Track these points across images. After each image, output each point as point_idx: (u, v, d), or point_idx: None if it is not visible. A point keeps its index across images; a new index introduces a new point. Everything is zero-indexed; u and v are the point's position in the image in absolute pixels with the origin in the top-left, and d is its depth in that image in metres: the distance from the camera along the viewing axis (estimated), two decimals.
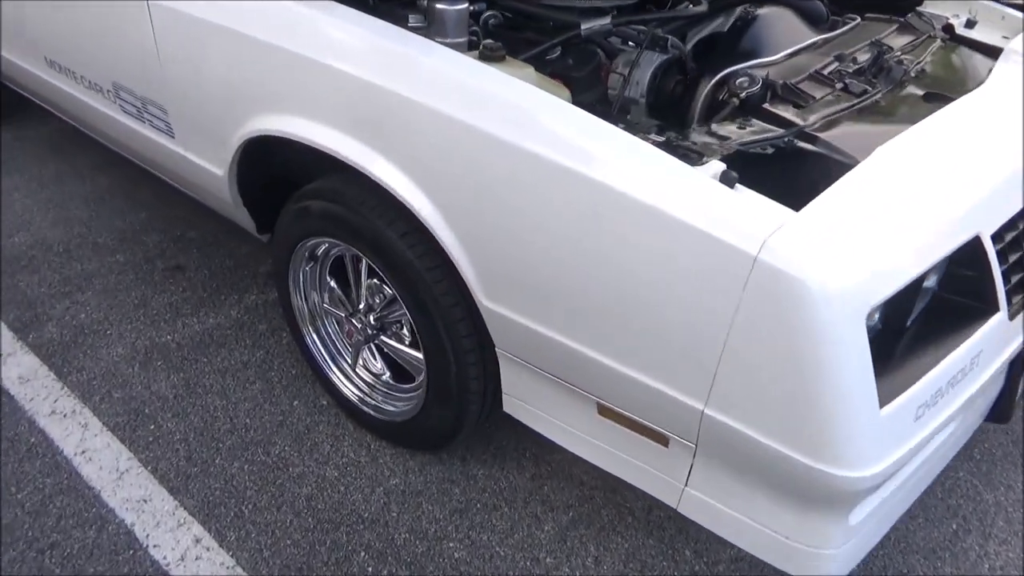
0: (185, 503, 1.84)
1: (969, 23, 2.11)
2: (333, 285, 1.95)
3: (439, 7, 1.64)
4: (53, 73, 2.29)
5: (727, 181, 1.26)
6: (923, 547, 1.85)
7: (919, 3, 2.10)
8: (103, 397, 2.10)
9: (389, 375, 1.97)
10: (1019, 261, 1.44)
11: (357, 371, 1.99)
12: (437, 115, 1.42)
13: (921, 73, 1.79)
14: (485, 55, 1.58)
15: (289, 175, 1.89)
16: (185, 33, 1.78)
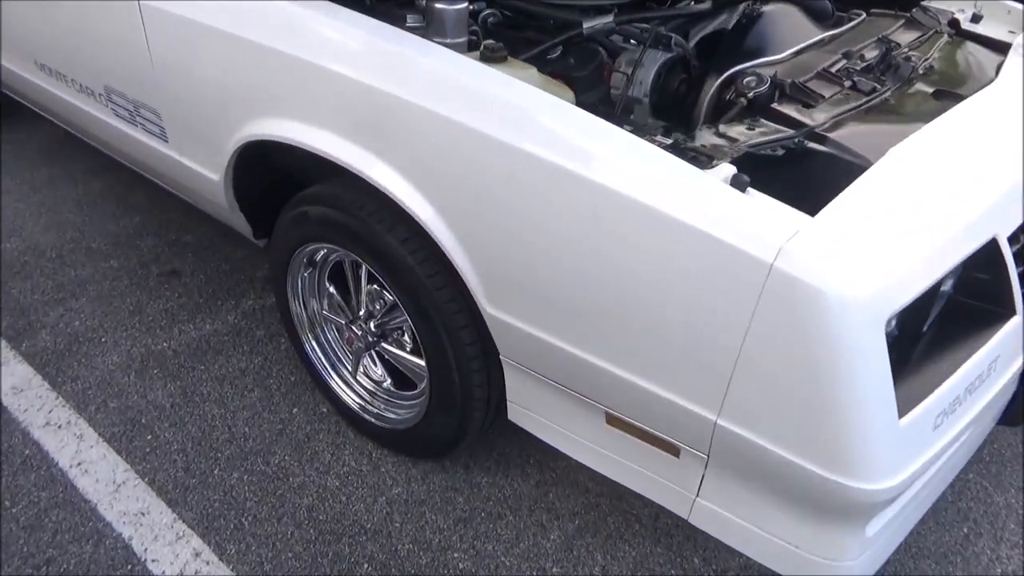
0: (183, 515, 1.81)
1: (975, 18, 2.08)
2: (332, 291, 1.92)
3: (438, 7, 1.60)
4: (44, 76, 2.25)
5: (738, 185, 1.22)
6: (934, 551, 1.82)
7: None
8: (99, 407, 2.06)
9: (390, 382, 1.94)
10: None
11: (358, 378, 1.95)
12: (438, 118, 1.38)
13: (929, 70, 1.76)
14: (486, 56, 1.54)
15: (287, 179, 1.85)
16: (177, 35, 1.74)
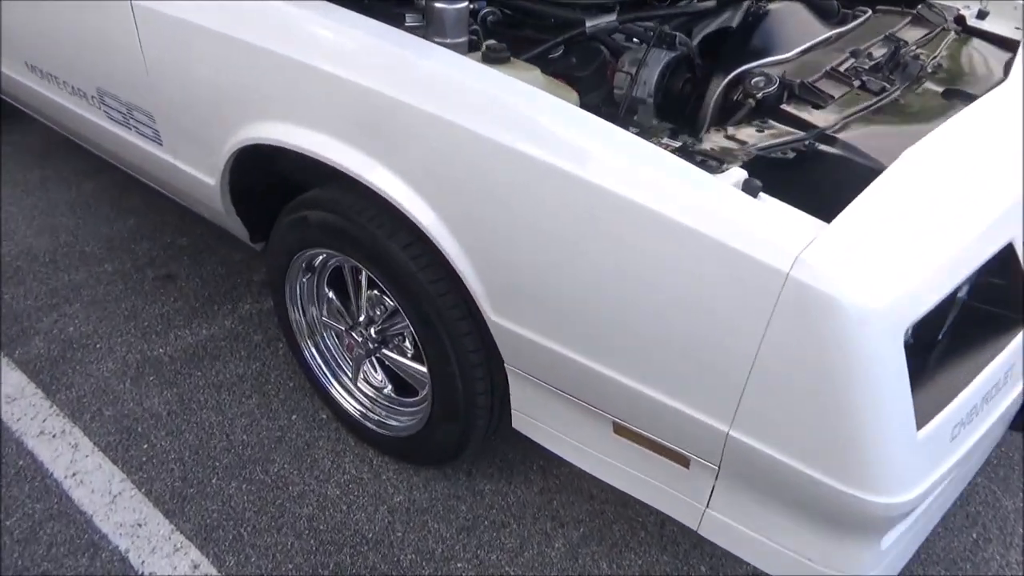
0: (181, 527, 1.77)
1: (980, 14, 2.06)
2: (331, 296, 1.88)
3: (438, 6, 1.56)
4: (35, 78, 2.21)
5: (750, 190, 1.19)
6: (944, 557, 1.80)
7: None
8: (94, 415, 2.02)
9: (391, 388, 1.91)
10: None
11: (359, 385, 1.92)
12: (440, 122, 1.35)
13: (938, 68, 1.73)
14: (489, 57, 1.51)
15: (284, 182, 1.81)
16: (171, 36, 1.70)
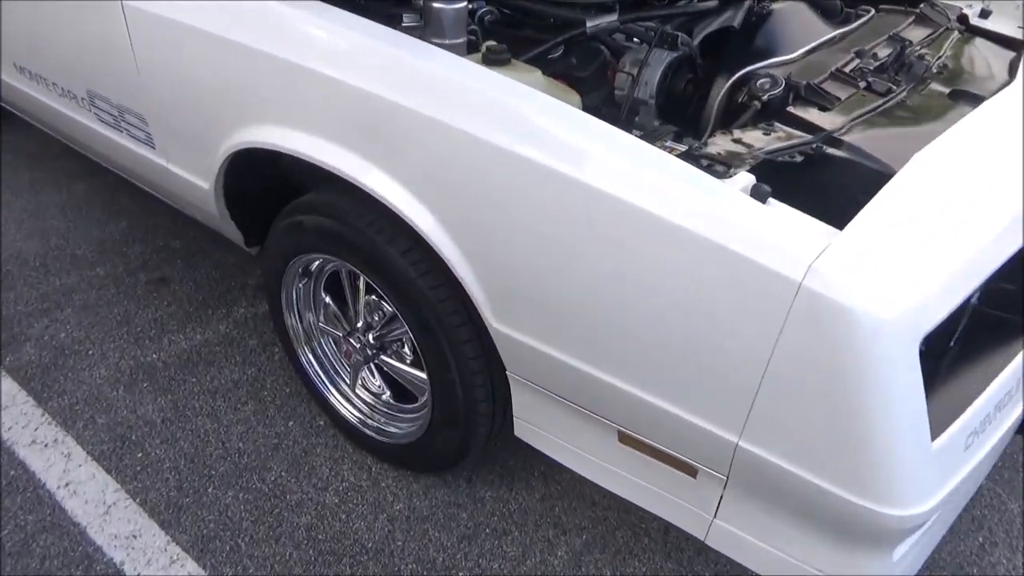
0: (177, 538, 1.74)
1: (983, 13, 2.04)
2: (328, 301, 1.85)
3: (436, 6, 1.53)
4: (24, 80, 2.16)
5: (759, 195, 1.17)
6: (950, 562, 1.78)
7: None
8: (86, 423, 1.98)
9: (389, 394, 1.88)
10: None
11: (357, 392, 1.89)
12: (440, 125, 1.32)
13: (943, 68, 1.70)
14: (489, 59, 1.48)
15: (280, 185, 1.78)
16: (163, 37, 1.66)
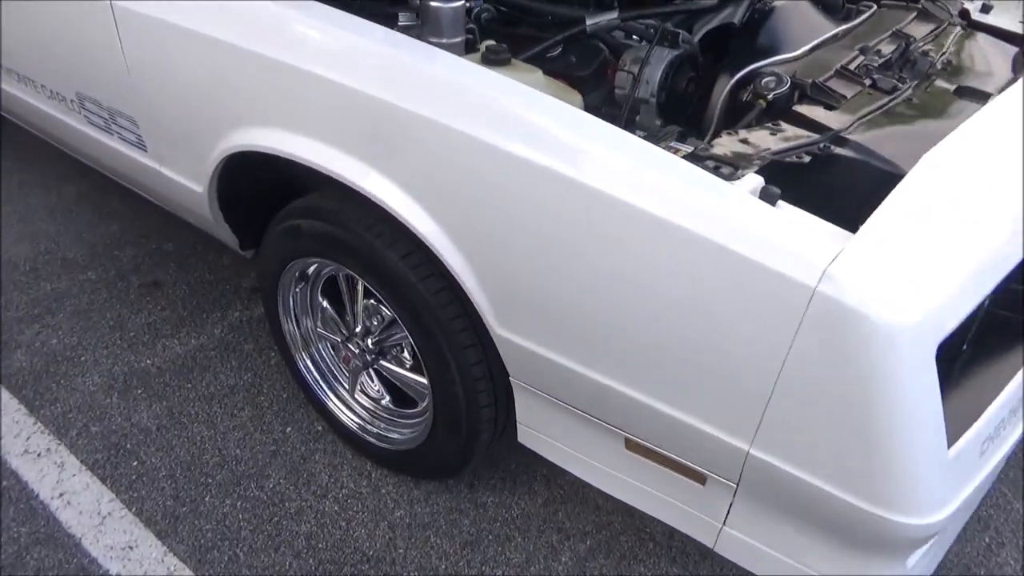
0: (174, 548, 1.71)
1: (984, 7, 2.02)
2: (326, 305, 1.82)
3: (434, 4, 1.50)
4: (11, 82, 2.12)
5: (768, 198, 1.14)
6: (957, 563, 1.77)
7: None
8: (80, 432, 1.95)
9: (389, 399, 1.85)
10: None
11: (356, 397, 1.86)
12: (439, 127, 1.29)
13: (947, 65, 1.68)
14: (489, 59, 1.45)
15: (275, 188, 1.74)
16: (154, 39, 1.63)
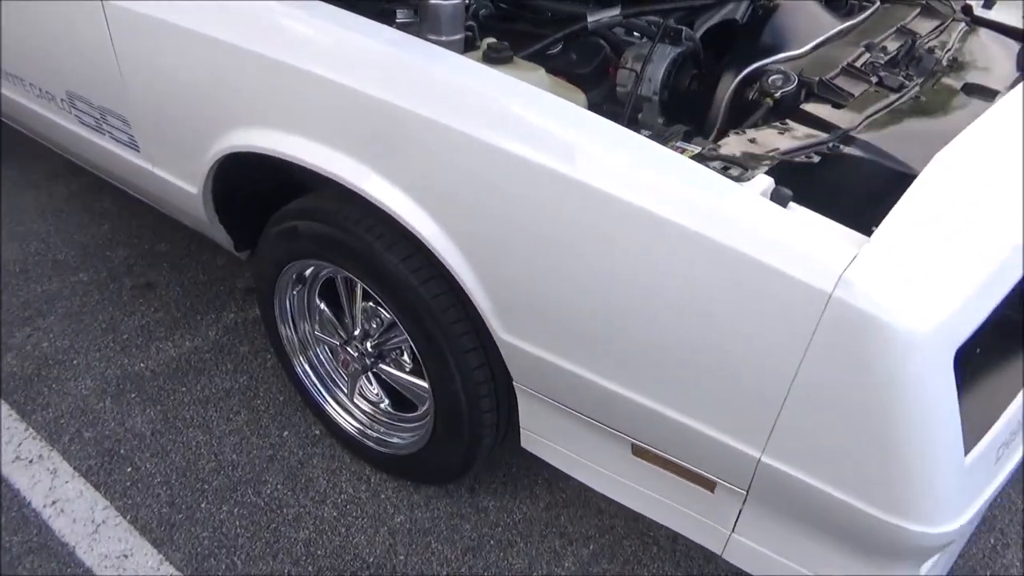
0: (171, 556, 1.68)
1: (988, 3, 2.00)
2: (324, 308, 1.79)
3: (432, 1, 1.47)
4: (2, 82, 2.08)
5: (779, 199, 1.12)
6: (962, 565, 1.75)
7: None
8: (72, 437, 1.91)
9: (388, 403, 1.82)
10: None
11: (355, 401, 1.83)
12: (440, 127, 1.26)
13: (953, 62, 1.67)
14: (490, 57, 1.42)
15: (272, 188, 1.71)
16: (145, 37, 1.59)
